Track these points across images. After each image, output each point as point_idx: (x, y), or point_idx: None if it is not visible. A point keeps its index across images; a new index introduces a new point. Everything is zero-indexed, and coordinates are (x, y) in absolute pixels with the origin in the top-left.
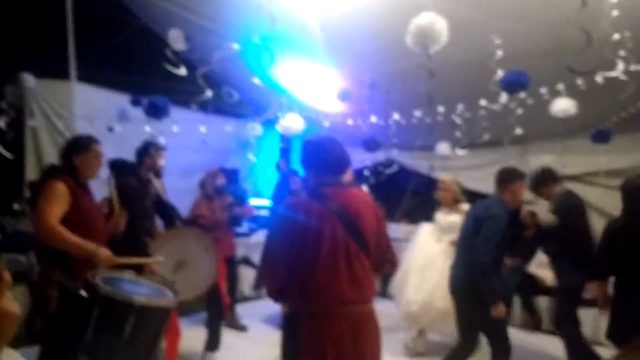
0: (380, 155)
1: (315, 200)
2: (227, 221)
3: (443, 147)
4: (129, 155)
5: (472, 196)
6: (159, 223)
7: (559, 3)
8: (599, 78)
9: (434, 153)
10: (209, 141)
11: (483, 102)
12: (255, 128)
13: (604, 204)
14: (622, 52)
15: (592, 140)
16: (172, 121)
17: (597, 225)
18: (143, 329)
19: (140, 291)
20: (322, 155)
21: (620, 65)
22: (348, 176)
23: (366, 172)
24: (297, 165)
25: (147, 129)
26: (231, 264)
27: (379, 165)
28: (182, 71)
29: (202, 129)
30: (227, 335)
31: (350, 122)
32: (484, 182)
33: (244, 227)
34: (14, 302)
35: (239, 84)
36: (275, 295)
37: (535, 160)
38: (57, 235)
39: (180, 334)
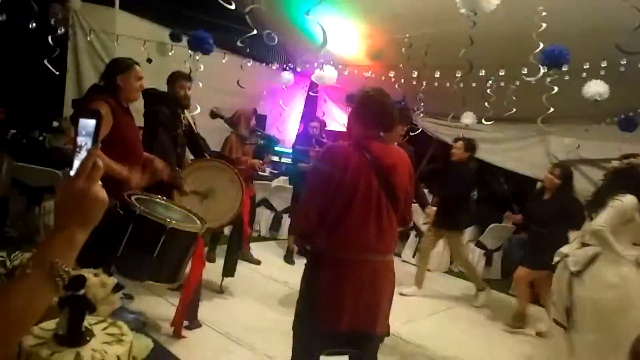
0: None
1: (356, 151)
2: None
3: (468, 117)
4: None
5: (487, 167)
6: (188, 155)
7: None
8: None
9: (458, 122)
10: (242, 85)
11: (523, 71)
12: (287, 76)
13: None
14: None
15: (619, 128)
16: (207, 61)
17: None
18: (171, 250)
19: (171, 215)
20: (375, 109)
21: None
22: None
23: None
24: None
25: (186, 64)
26: (251, 204)
27: None
28: (232, 6)
29: (239, 71)
30: (242, 268)
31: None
32: (500, 156)
33: (266, 172)
34: (102, 189)
35: (277, 29)
36: (306, 236)
37: (555, 141)
38: None
39: (205, 262)
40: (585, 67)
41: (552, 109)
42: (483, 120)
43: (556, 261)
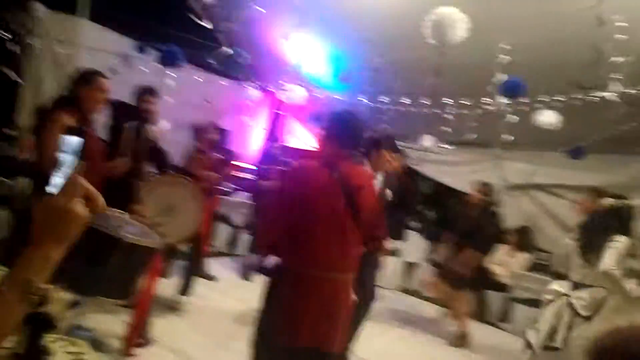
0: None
1: (325, 170)
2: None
3: (428, 140)
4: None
5: (442, 189)
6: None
7: (572, 21)
8: (598, 95)
9: (417, 145)
10: (207, 100)
11: (484, 100)
12: (253, 92)
13: (564, 217)
14: (618, 75)
15: (569, 156)
16: (173, 75)
17: (554, 233)
18: (126, 265)
19: (128, 229)
20: (348, 129)
21: (615, 87)
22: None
23: None
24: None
25: (153, 78)
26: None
27: None
28: (207, 24)
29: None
30: (199, 286)
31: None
32: (455, 178)
33: (225, 187)
34: (83, 206)
35: (246, 47)
36: (266, 250)
37: (508, 166)
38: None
39: (160, 276)
40: (541, 99)
41: (512, 137)
42: (443, 144)
43: (549, 299)
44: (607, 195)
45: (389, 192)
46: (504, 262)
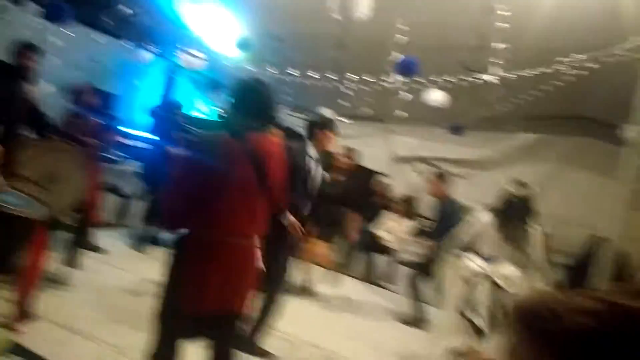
0: None
1: (234, 140)
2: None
3: (325, 113)
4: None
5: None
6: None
7: (464, 7)
8: (481, 77)
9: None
10: (96, 60)
11: (378, 78)
12: (145, 55)
13: None
14: (499, 60)
15: (450, 132)
16: (59, 32)
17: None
18: (6, 237)
19: (7, 199)
20: (256, 98)
21: (496, 71)
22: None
23: None
24: (179, 97)
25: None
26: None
27: None
28: None
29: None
30: (87, 259)
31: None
32: None
33: (113, 155)
34: None
35: (144, 8)
36: (172, 220)
37: (397, 140)
38: None
39: (47, 249)
40: (432, 78)
41: (405, 114)
42: (340, 118)
43: (471, 279)
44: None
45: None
46: (391, 228)
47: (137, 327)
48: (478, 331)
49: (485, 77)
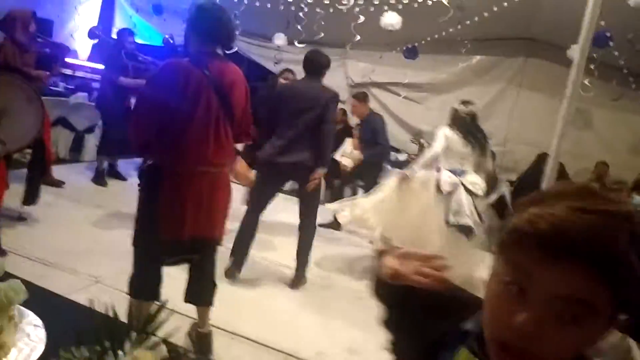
0: None
1: (195, 67)
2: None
3: (280, 39)
4: None
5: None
6: None
7: None
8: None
9: (269, 43)
10: None
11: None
12: None
13: (400, 112)
14: None
15: (404, 56)
16: None
17: (391, 127)
18: None
19: None
20: (214, 23)
21: None
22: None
23: None
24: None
25: None
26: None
27: None
28: None
29: None
30: (47, 196)
31: None
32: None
33: (60, 87)
34: None
35: None
36: (140, 149)
37: (352, 65)
38: None
39: (7, 186)
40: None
41: (359, 37)
42: (296, 43)
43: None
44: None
45: None
46: (349, 154)
47: (108, 257)
48: (467, 231)
49: None
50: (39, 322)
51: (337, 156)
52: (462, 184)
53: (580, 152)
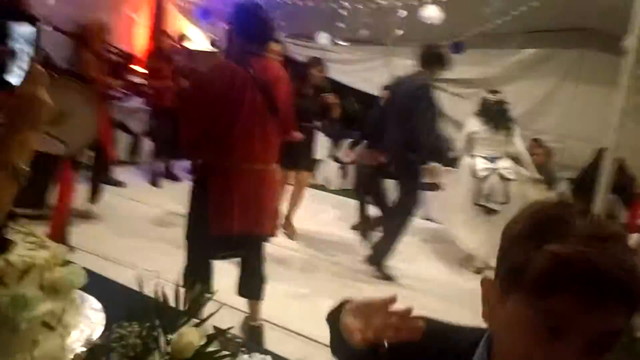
0: None
1: (239, 66)
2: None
3: (324, 38)
4: None
5: (339, 87)
6: None
7: None
8: None
9: (314, 43)
10: None
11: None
12: None
13: (447, 108)
14: None
15: (449, 51)
16: None
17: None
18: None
19: None
20: (254, 21)
21: None
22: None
23: None
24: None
25: None
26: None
27: None
28: None
29: None
30: (109, 196)
31: None
32: (351, 76)
33: (118, 92)
34: (47, 94)
35: None
36: (190, 147)
37: (398, 62)
38: None
39: (74, 188)
40: None
41: (401, 32)
42: (339, 41)
43: (484, 175)
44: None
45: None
46: None
47: (167, 253)
48: (491, 211)
49: None
50: (98, 306)
51: None
52: (496, 170)
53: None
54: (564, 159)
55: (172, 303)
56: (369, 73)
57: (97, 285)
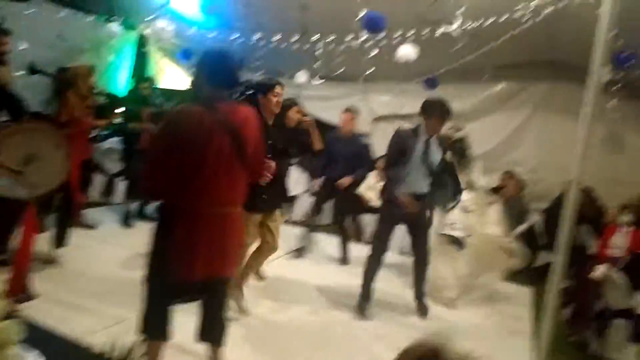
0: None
1: (206, 111)
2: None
3: (301, 76)
4: None
5: (320, 126)
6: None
7: None
8: (439, 31)
9: (291, 81)
10: (64, 37)
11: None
12: (114, 28)
13: None
14: (460, 11)
15: (424, 87)
16: (17, 9)
17: None
18: None
19: None
20: (222, 67)
21: (457, 22)
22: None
23: None
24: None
25: None
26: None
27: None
28: None
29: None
30: (78, 239)
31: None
32: (329, 113)
33: (94, 133)
34: None
35: None
36: (154, 193)
37: (375, 98)
38: None
39: (37, 229)
40: (399, 33)
41: (373, 68)
42: (316, 80)
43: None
44: None
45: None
46: (374, 187)
47: (133, 298)
48: (456, 242)
49: (448, 28)
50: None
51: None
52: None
53: (615, 176)
54: (537, 190)
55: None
56: None
57: (43, 339)
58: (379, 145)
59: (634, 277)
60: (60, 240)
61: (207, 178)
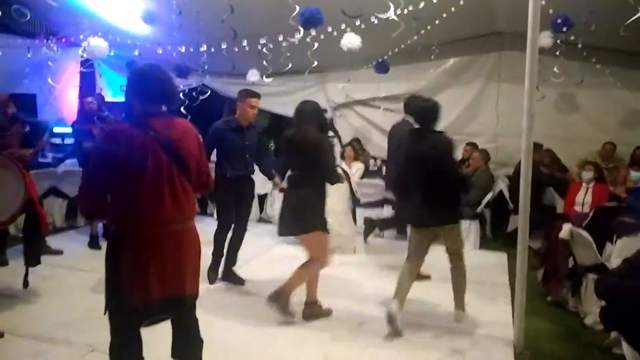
0: (193, 81)
1: (137, 129)
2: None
3: (253, 74)
4: None
5: (276, 119)
6: None
7: None
8: (373, 19)
9: (244, 80)
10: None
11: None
12: (51, 49)
13: (383, 124)
14: None
15: (375, 71)
16: None
17: (378, 140)
18: None
19: None
20: (149, 83)
21: (392, 8)
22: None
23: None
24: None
25: None
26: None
27: (192, 91)
28: None
29: None
30: (43, 268)
31: (159, 50)
32: (288, 107)
33: (48, 158)
34: None
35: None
36: (92, 214)
37: (331, 87)
38: None
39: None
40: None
41: (315, 63)
42: (264, 78)
43: None
44: None
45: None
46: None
47: (106, 322)
48: None
49: (385, 15)
50: None
51: None
52: None
53: (571, 135)
54: (499, 157)
55: None
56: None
57: None
58: (343, 132)
59: (601, 231)
60: (32, 260)
61: (149, 197)
